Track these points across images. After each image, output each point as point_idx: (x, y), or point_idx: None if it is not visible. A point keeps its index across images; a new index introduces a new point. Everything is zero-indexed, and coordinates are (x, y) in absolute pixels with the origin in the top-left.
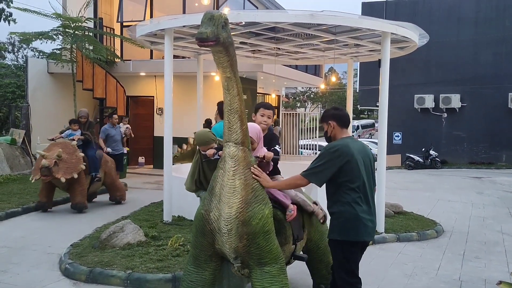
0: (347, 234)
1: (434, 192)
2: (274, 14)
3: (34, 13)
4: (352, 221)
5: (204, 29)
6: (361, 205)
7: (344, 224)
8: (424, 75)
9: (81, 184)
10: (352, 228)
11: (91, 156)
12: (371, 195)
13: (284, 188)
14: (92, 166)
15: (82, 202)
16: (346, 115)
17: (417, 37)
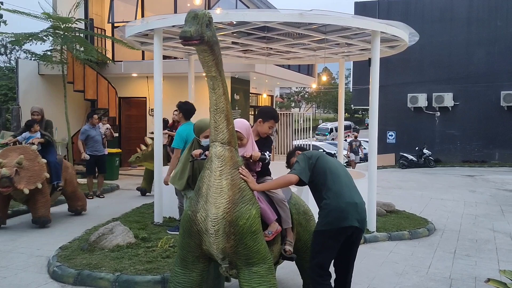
0: (332, 222)
1: (427, 191)
2: (263, 13)
3: (24, 14)
4: (337, 211)
5: (187, 28)
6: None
7: (329, 214)
8: (417, 74)
9: (45, 195)
10: (338, 216)
11: (53, 162)
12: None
13: (273, 187)
14: (54, 174)
15: (45, 216)
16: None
17: (407, 36)
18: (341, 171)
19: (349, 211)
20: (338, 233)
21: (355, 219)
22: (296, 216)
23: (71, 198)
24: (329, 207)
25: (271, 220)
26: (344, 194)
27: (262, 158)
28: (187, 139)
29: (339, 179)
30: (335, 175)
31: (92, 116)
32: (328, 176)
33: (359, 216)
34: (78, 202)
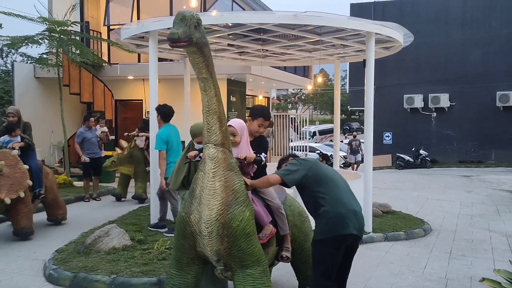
0: (332, 230)
1: (423, 192)
2: (258, 15)
3: (19, 17)
4: (338, 219)
5: (175, 30)
6: (341, 204)
7: (329, 223)
8: (413, 75)
9: (27, 204)
10: (338, 225)
11: (35, 167)
12: (346, 191)
13: (257, 185)
14: (36, 181)
15: (28, 227)
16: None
17: (402, 37)
18: (338, 178)
19: (350, 218)
20: (339, 241)
21: (355, 227)
22: (291, 218)
23: (51, 206)
24: (329, 214)
25: (265, 222)
26: (343, 200)
27: (258, 160)
28: (167, 140)
29: (337, 186)
30: (332, 181)
31: (88, 119)
32: (324, 182)
33: (358, 225)
34: (59, 211)
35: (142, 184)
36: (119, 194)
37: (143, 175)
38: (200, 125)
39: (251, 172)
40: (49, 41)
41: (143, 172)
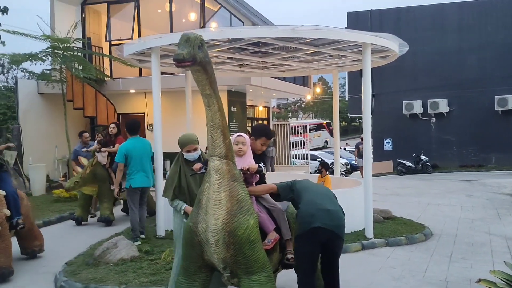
0: (302, 227)
1: (424, 197)
2: (257, 29)
3: (23, 35)
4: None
5: (180, 51)
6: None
7: (300, 221)
8: (411, 81)
9: (4, 239)
10: (305, 221)
11: (11, 193)
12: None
13: (258, 192)
14: (13, 208)
15: (7, 266)
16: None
17: (397, 46)
18: (313, 186)
19: (318, 215)
20: (309, 235)
21: (323, 222)
22: (294, 225)
23: (26, 237)
24: (301, 213)
25: (270, 229)
26: (315, 202)
27: (259, 170)
28: (126, 154)
29: (312, 191)
30: (306, 189)
31: (81, 134)
32: (303, 191)
33: (332, 222)
34: (35, 242)
35: (108, 205)
36: (79, 217)
37: (108, 194)
38: (188, 135)
39: (253, 182)
40: (52, 58)
41: (108, 192)
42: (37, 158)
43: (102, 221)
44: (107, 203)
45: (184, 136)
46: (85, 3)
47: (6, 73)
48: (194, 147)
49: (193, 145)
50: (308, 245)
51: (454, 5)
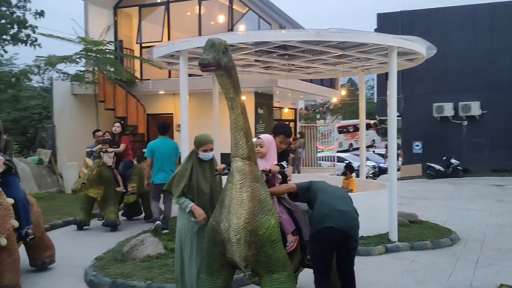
0: (314, 227)
1: (452, 201)
2: (282, 33)
3: (58, 38)
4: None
5: (206, 56)
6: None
7: (313, 221)
8: (443, 83)
9: (11, 253)
10: (318, 221)
11: (21, 200)
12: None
13: (277, 192)
14: (23, 217)
15: (14, 284)
16: None
17: (424, 49)
18: (328, 188)
19: (331, 215)
20: (322, 235)
21: (338, 222)
22: None
23: (36, 247)
24: (314, 213)
25: (288, 231)
26: (329, 202)
27: (281, 171)
28: (152, 150)
29: (327, 192)
30: (324, 189)
31: (95, 133)
32: (318, 192)
33: (345, 222)
34: (45, 252)
35: (114, 208)
36: (82, 221)
37: (114, 197)
38: (206, 135)
39: (276, 184)
40: (86, 60)
41: (114, 194)
42: (70, 157)
43: (108, 225)
44: (113, 206)
45: (202, 136)
46: (118, 7)
47: (42, 74)
48: (211, 147)
49: (210, 145)
50: (321, 245)
51: (486, 6)
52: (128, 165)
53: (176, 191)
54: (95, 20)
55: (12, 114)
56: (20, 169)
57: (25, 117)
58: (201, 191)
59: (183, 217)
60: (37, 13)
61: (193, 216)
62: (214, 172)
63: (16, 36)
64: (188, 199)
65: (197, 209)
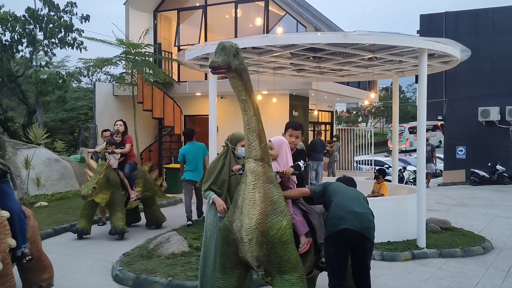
0: (329, 229)
1: (493, 209)
2: (308, 35)
3: (100, 41)
4: (335, 219)
5: (216, 59)
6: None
7: (328, 224)
8: (488, 86)
9: (6, 279)
10: (333, 223)
11: (17, 212)
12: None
13: (290, 196)
14: (19, 233)
15: None
16: None
17: (458, 51)
18: (346, 189)
19: (347, 217)
20: (337, 237)
21: (351, 224)
22: None
23: (32, 269)
24: (330, 215)
25: (302, 232)
26: (344, 204)
27: (296, 167)
28: (183, 154)
29: (342, 194)
30: (339, 191)
31: (102, 133)
32: (333, 194)
33: (360, 224)
34: (42, 275)
35: (121, 214)
36: (84, 230)
37: (121, 202)
38: (241, 132)
39: (290, 185)
40: (125, 62)
41: (121, 199)
42: None
43: (115, 233)
44: (121, 212)
45: (238, 133)
46: (157, 11)
47: (91, 75)
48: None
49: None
50: (336, 247)
51: None
52: (134, 167)
53: (204, 185)
54: (136, 24)
55: (60, 114)
56: (62, 167)
57: (72, 117)
58: (231, 189)
59: (210, 214)
60: (83, 17)
61: (216, 209)
62: None
63: (64, 40)
64: (213, 192)
65: (218, 200)
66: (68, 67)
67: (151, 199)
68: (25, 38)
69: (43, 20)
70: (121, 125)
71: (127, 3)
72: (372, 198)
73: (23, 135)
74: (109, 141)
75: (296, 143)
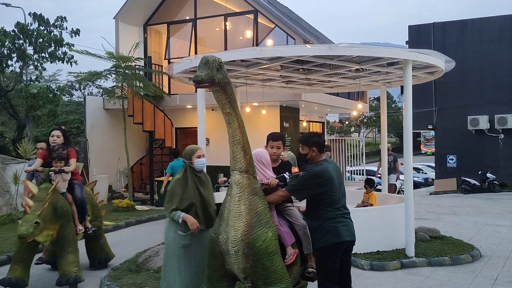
0: (329, 240)
1: (482, 217)
2: (294, 48)
3: (90, 55)
4: (332, 231)
5: (199, 73)
6: (338, 217)
7: (327, 233)
8: (477, 96)
9: None
10: (334, 235)
11: None
12: (344, 205)
13: (270, 201)
14: None
15: None
16: (324, 142)
17: (442, 62)
18: (341, 187)
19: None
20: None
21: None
22: None
23: None
24: (329, 228)
25: (288, 243)
26: (342, 213)
27: (280, 184)
28: (172, 167)
29: (340, 199)
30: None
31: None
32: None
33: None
34: None
35: (74, 257)
36: (19, 282)
37: (74, 240)
38: (192, 145)
39: None
40: (115, 76)
41: (73, 235)
42: (100, 170)
43: (66, 283)
44: (73, 254)
45: (189, 147)
46: (147, 24)
47: (83, 89)
48: (202, 152)
49: (201, 151)
50: (336, 257)
51: None
52: (82, 189)
53: (169, 206)
54: (126, 37)
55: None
56: None
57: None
58: (198, 202)
59: (170, 230)
60: (73, 31)
61: (182, 229)
62: (208, 181)
63: (54, 54)
64: (180, 211)
65: (189, 218)
66: (59, 81)
67: (100, 230)
68: (15, 53)
69: (33, 35)
70: (58, 136)
71: (117, 17)
72: (362, 208)
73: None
74: (57, 155)
75: (278, 154)
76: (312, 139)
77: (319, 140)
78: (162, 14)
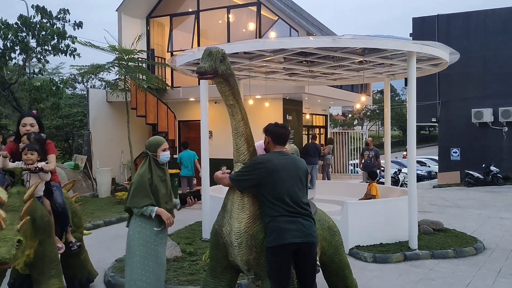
0: (274, 240)
1: (486, 210)
2: (298, 40)
3: (93, 47)
4: (276, 231)
5: (203, 64)
6: (282, 217)
7: (271, 233)
8: (481, 88)
9: None
10: (277, 235)
11: None
12: (295, 202)
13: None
14: None
15: None
16: (283, 133)
17: (446, 54)
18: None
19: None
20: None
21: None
22: (321, 232)
23: None
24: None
25: None
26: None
27: None
28: (181, 157)
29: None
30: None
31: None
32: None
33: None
34: None
35: (59, 282)
36: None
37: (56, 259)
38: (158, 137)
39: None
40: (118, 68)
41: (55, 253)
42: (104, 162)
43: None
44: (57, 278)
45: (154, 138)
46: (150, 17)
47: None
48: (167, 145)
49: (166, 144)
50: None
51: None
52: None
53: (140, 202)
54: (128, 30)
55: (55, 122)
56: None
57: (67, 124)
58: (162, 195)
59: (135, 225)
60: (76, 24)
61: (156, 224)
62: (168, 175)
63: (57, 47)
64: (152, 206)
65: (163, 212)
66: (62, 74)
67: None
68: (18, 46)
69: (36, 28)
70: (32, 125)
71: (119, 10)
72: (365, 201)
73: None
74: (28, 145)
75: None
76: (268, 127)
77: (275, 130)
78: (164, 6)
